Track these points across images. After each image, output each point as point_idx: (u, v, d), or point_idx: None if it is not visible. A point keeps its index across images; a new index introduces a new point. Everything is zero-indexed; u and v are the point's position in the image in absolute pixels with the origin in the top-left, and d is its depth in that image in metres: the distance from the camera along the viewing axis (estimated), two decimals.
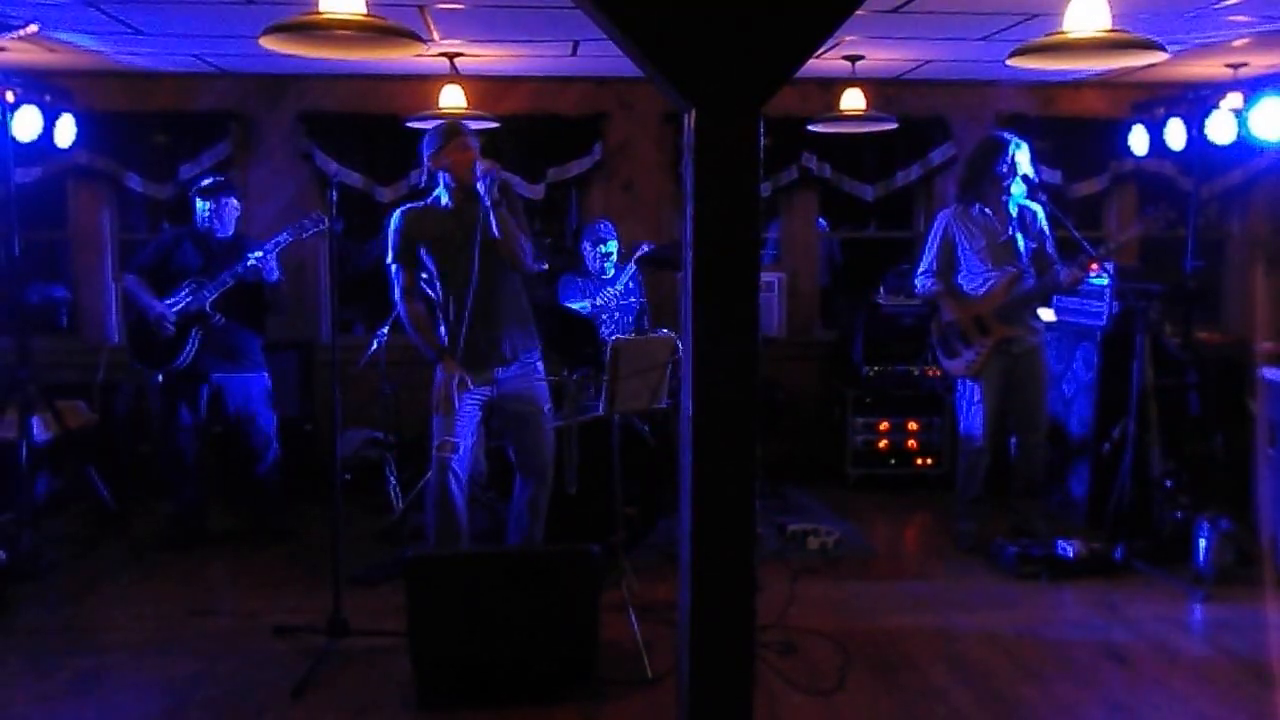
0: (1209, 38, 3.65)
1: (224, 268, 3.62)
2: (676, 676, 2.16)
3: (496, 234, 2.85)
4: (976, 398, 3.67)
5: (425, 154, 2.97)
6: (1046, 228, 3.69)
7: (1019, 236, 3.63)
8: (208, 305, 3.62)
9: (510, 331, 3.03)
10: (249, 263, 3.58)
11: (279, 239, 3.60)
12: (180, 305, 3.64)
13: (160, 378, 3.73)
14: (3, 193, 3.97)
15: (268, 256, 3.59)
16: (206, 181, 3.79)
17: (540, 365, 3.15)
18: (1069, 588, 3.35)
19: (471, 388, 2.98)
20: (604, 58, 4.16)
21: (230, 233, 3.77)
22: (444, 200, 3.00)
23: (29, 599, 3.24)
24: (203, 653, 2.84)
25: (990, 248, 3.64)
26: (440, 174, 2.98)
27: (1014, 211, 3.64)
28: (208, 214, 3.71)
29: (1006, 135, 3.63)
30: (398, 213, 3.02)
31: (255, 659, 2.80)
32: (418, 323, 3.02)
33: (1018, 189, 3.60)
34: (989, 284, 3.65)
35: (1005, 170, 3.55)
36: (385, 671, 2.71)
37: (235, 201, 3.79)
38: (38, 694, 2.60)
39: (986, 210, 3.66)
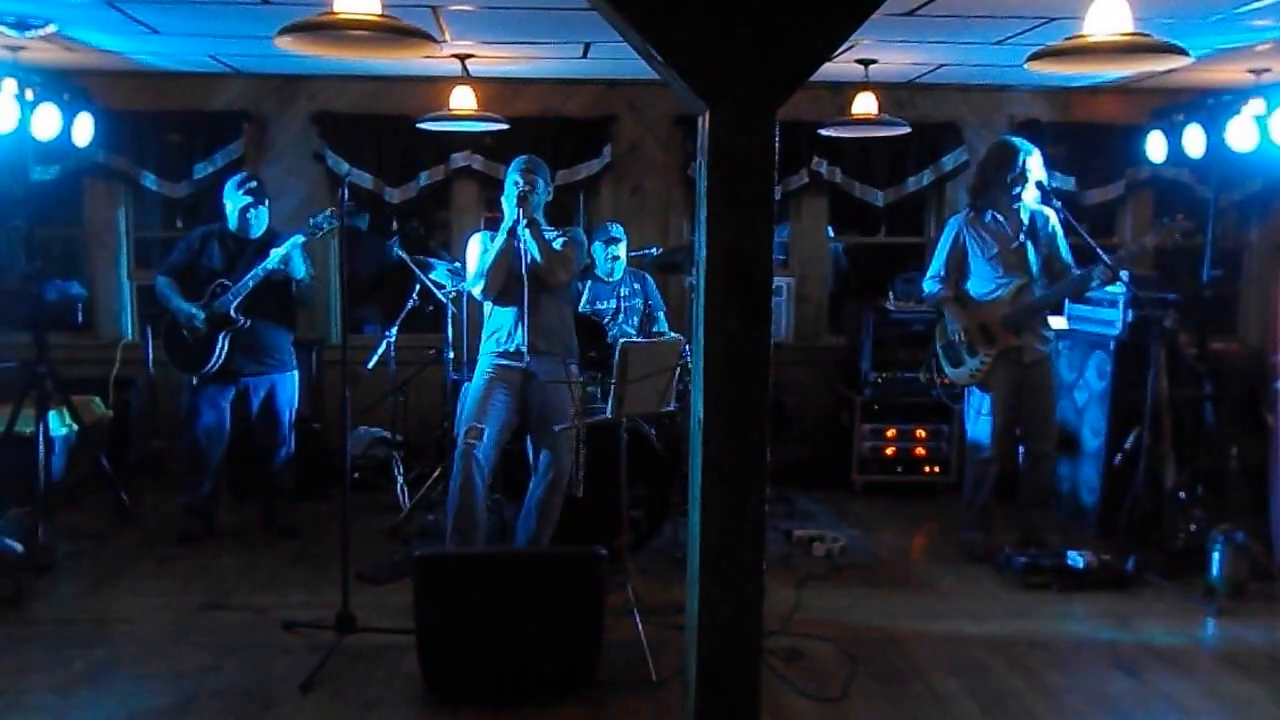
0: (1231, 42, 3.61)
1: (248, 269, 3.62)
2: (682, 680, 2.16)
3: (536, 256, 3.22)
4: (985, 408, 3.65)
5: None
6: (1060, 233, 3.66)
7: (1030, 244, 3.61)
8: (232, 310, 3.62)
9: (547, 333, 3.29)
10: (269, 264, 3.57)
11: (296, 239, 3.59)
12: (205, 308, 3.64)
13: (194, 380, 3.75)
14: (21, 190, 4.03)
15: (292, 253, 3.59)
16: (246, 198, 3.68)
17: (575, 369, 3.34)
18: (1078, 598, 3.32)
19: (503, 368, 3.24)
20: (614, 60, 4.17)
21: (261, 232, 3.75)
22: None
23: (44, 591, 3.27)
24: (213, 646, 2.86)
25: (1002, 254, 3.62)
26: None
27: (1026, 218, 3.62)
28: (243, 217, 3.69)
29: (1019, 141, 3.61)
30: (474, 235, 3.43)
31: (264, 653, 2.82)
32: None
33: (1030, 195, 3.58)
34: (998, 291, 3.63)
35: (1017, 176, 3.53)
36: (392, 668, 2.72)
37: (266, 206, 3.77)
38: (53, 683, 2.63)
39: (999, 216, 3.63)
